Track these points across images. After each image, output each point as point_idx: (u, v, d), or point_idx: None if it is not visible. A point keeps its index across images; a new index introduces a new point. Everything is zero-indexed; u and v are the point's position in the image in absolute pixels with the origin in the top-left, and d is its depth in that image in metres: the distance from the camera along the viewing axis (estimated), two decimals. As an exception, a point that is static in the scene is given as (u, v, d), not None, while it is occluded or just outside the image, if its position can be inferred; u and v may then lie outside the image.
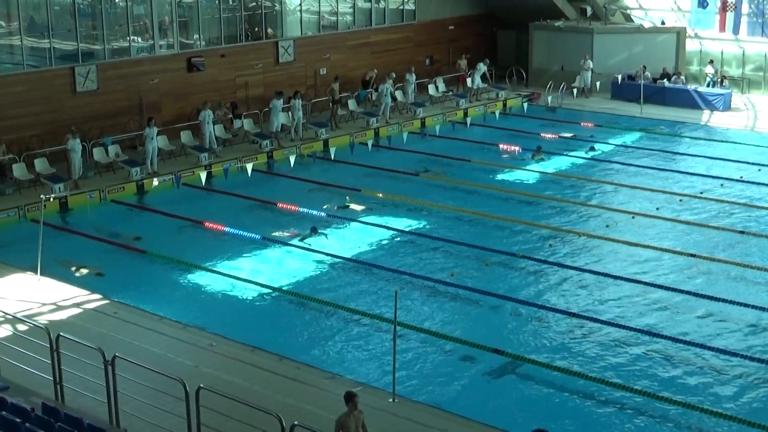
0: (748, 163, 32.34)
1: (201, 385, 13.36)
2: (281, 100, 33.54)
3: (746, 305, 20.31)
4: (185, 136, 32.22)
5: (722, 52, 44.38)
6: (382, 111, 37.22)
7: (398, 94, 39.18)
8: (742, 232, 25.27)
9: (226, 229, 25.34)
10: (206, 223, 25.78)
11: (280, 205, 27.57)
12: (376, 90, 38.51)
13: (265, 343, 18.04)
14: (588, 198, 28.86)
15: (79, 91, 31.15)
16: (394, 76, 38.77)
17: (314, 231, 24.91)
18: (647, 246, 24.13)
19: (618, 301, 21.00)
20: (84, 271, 22.23)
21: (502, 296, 20.89)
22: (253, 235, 24.79)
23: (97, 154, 30.02)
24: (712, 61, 43.28)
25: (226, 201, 28.31)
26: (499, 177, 31.18)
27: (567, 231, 25.59)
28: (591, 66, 42.92)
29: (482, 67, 42.26)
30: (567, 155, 33.82)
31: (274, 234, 24.98)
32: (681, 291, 21.19)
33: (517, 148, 34.20)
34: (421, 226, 26.12)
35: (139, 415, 14.20)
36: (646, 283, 21.64)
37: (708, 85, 42.11)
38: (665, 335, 18.91)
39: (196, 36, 35.15)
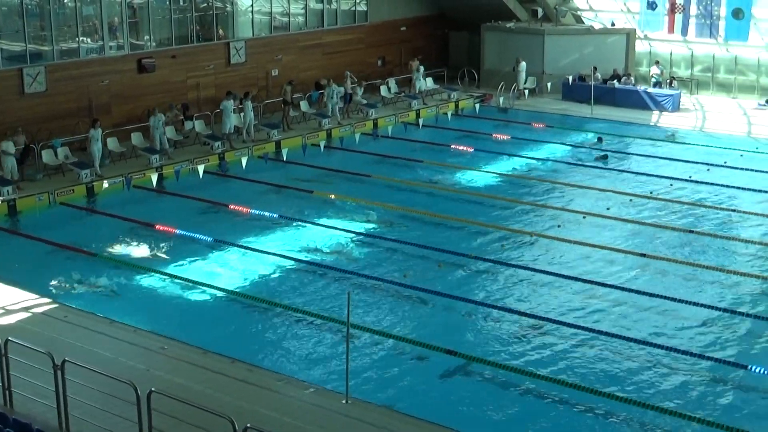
0: (696, 162, 32.70)
1: (152, 389, 13.24)
2: (232, 101, 33.40)
3: (697, 304, 20.53)
4: (136, 138, 31.97)
5: (671, 54, 44.88)
6: (331, 112, 37.21)
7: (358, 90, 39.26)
8: (691, 232, 25.54)
9: (178, 231, 25.16)
10: (157, 226, 25.57)
11: (232, 206, 27.43)
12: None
13: (217, 345, 17.91)
14: (539, 198, 29.03)
15: (27, 92, 30.79)
16: (349, 75, 38.83)
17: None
18: (598, 246, 24.30)
19: (570, 300, 21.14)
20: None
21: (455, 297, 20.93)
22: (205, 238, 24.64)
23: (46, 156, 29.68)
24: (657, 62, 43.76)
25: (177, 203, 28.13)
26: (452, 178, 31.26)
27: (519, 231, 25.71)
28: (524, 68, 43.17)
29: (417, 65, 42.34)
30: (519, 156, 34.00)
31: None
32: (632, 290, 21.36)
33: (469, 149, 34.35)
34: (373, 227, 26.12)
35: (89, 419, 14.05)
36: (597, 283, 21.79)
37: (654, 85, 42.55)
38: (616, 334, 19.04)
39: (146, 37, 34.86)
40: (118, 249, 23.91)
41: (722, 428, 15.36)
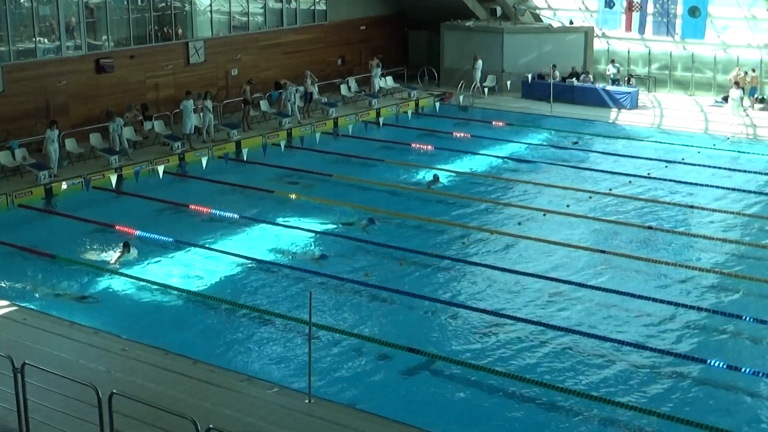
0: (655, 159, 33.00)
1: (114, 391, 13.14)
2: (192, 101, 33.25)
3: (656, 299, 20.71)
4: (94, 139, 31.75)
5: (629, 51, 45.25)
6: (291, 112, 37.16)
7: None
8: (650, 228, 25.75)
9: (138, 232, 25.00)
10: (117, 227, 25.39)
11: (192, 207, 27.31)
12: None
13: (178, 346, 17.83)
14: (500, 196, 29.13)
15: (-17, 93, 30.53)
16: (309, 74, 38.81)
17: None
18: (559, 243, 24.45)
19: (531, 298, 21.24)
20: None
21: (417, 295, 20.97)
22: (165, 238, 24.51)
23: (4, 157, 29.39)
24: (613, 61, 44.18)
25: (137, 204, 27.95)
26: (412, 176, 31.31)
27: (480, 229, 25.80)
28: (481, 66, 43.36)
29: (375, 64, 42.44)
30: (480, 154, 34.12)
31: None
32: (592, 287, 21.50)
33: (430, 147, 34.43)
34: (334, 226, 26.10)
35: (50, 422, 13.92)
36: (558, 280, 21.91)
37: (612, 83, 42.88)
38: (578, 331, 19.17)
39: (104, 37, 34.61)
40: (78, 251, 23.71)
41: (683, 422, 15.51)
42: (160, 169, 29.72)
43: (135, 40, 35.33)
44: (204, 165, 30.67)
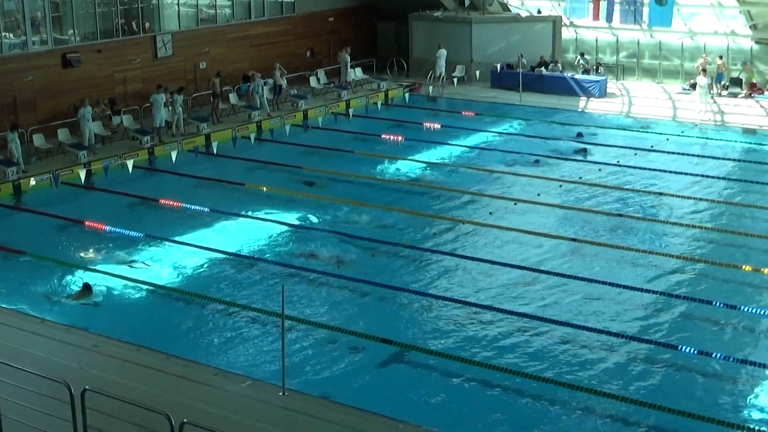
0: (624, 147, 33.17)
1: (86, 387, 13.08)
2: (162, 95, 33.08)
3: (626, 287, 20.83)
4: (62, 134, 31.52)
5: (597, 40, 45.46)
6: (259, 104, 37.07)
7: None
8: (620, 216, 25.89)
9: (108, 227, 24.87)
10: (87, 222, 25.26)
11: (162, 201, 27.20)
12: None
13: (151, 341, 17.75)
14: (470, 186, 29.16)
15: (-51, 89, 30.24)
16: (279, 66, 38.73)
17: None
18: (530, 232, 24.54)
19: (502, 287, 21.29)
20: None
21: (390, 286, 20.99)
22: (136, 233, 24.39)
23: (-29, 154, 29.19)
24: (582, 54, 44.35)
25: (106, 199, 27.81)
26: (383, 167, 31.32)
27: (451, 219, 25.85)
28: (444, 55, 43.42)
29: (345, 56, 42.43)
30: (450, 144, 34.17)
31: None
32: (563, 275, 21.60)
33: (400, 138, 34.45)
34: (306, 218, 26.07)
35: (22, 420, 13.82)
36: (529, 269, 21.99)
37: (581, 72, 43.05)
38: (549, 319, 19.24)
39: (70, 31, 34.34)
40: (47, 247, 23.54)
41: (654, 407, 15.64)
42: (130, 163, 29.57)
43: (102, 34, 35.08)
44: (174, 159, 30.54)
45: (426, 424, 14.76)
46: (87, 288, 20.65)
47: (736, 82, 41.31)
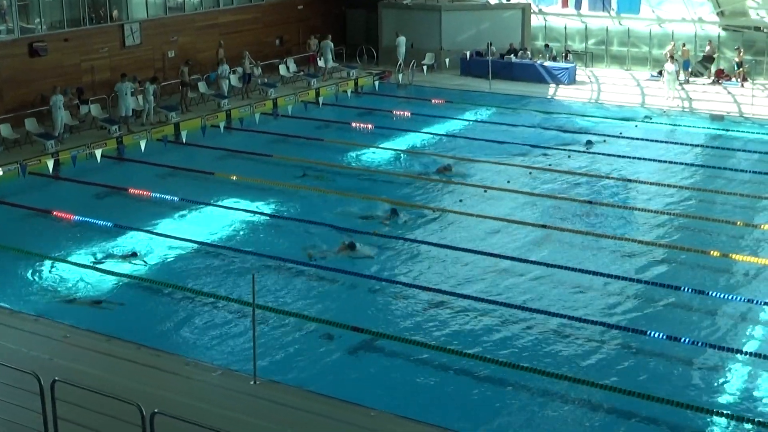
0: (593, 134, 33.32)
1: (56, 378, 13.02)
2: (128, 84, 32.85)
3: (596, 273, 20.95)
4: (30, 124, 31.27)
5: (566, 27, 45.59)
6: (226, 90, 36.91)
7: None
8: (590, 202, 26.02)
9: (76, 217, 24.72)
10: (55, 212, 25.09)
11: (131, 190, 27.07)
12: (233, 72, 38.44)
13: (121, 332, 17.69)
14: (441, 173, 29.18)
15: None
16: (248, 55, 38.61)
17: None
18: (500, 219, 24.62)
19: (474, 274, 21.36)
20: None
21: (359, 274, 21.00)
22: (105, 223, 24.26)
23: (-63, 144, 28.91)
24: (547, 45, 44.43)
25: (75, 189, 27.63)
26: (353, 155, 31.30)
27: (421, 206, 25.89)
28: (403, 42, 43.46)
29: (330, 44, 42.44)
30: (420, 132, 34.19)
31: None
32: (533, 262, 21.69)
33: (370, 126, 34.44)
34: (276, 207, 26.03)
35: (-9, 412, 13.78)
36: (500, 256, 22.05)
37: (550, 58, 43.19)
38: (520, 306, 19.33)
39: (37, 20, 34.03)
40: (15, 237, 23.36)
41: (624, 392, 15.74)
42: (98, 153, 29.39)
43: (69, 23, 34.77)
44: (143, 148, 30.38)
45: (398, 411, 14.80)
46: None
47: (706, 60, 41.56)
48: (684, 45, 41.77)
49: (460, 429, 14.48)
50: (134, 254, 22.07)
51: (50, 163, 28.32)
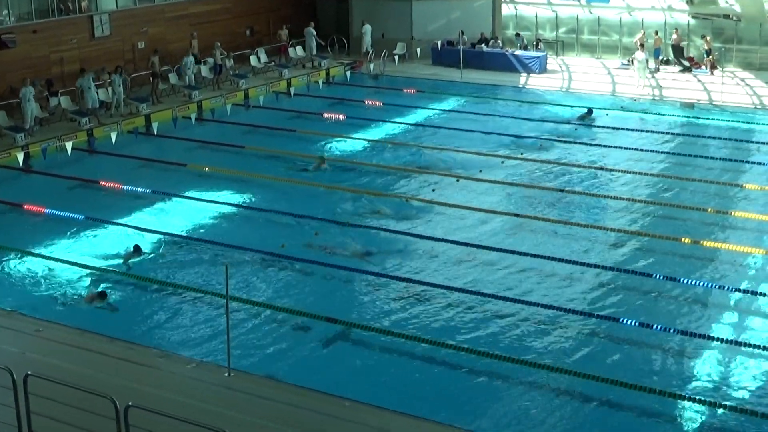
0: (564, 123, 33.44)
1: (29, 372, 12.96)
2: (87, 78, 32.57)
3: (569, 261, 21.05)
4: (-1, 116, 31.09)
5: (536, 16, 45.67)
6: (188, 81, 36.86)
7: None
8: (561, 191, 26.12)
9: (47, 210, 24.57)
10: (25, 206, 24.92)
11: (103, 183, 26.93)
12: (203, 63, 38.28)
13: (93, 325, 17.62)
14: (413, 163, 29.23)
15: None
16: (218, 46, 38.47)
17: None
18: (473, 208, 24.67)
19: (447, 263, 21.41)
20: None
21: (333, 265, 20.99)
22: (76, 216, 24.13)
23: None
24: (518, 34, 44.53)
25: (45, 182, 27.46)
26: (325, 146, 31.25)
27: (394, 196, 25.90)
28: (369, 30, 43.51)
29: (312, 31, 42.43)
30: (392, 122, 34.18)
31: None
32: (506, 250, 21.75)
33: (342, 116, 34.41)
34: (249, 198, 25.98)
35: (-37, 407, 13.68)
36: (473, 245, 22.10)
37: (521, 47, 43.27)
38: (494, 294, 19.39)
39: (4, 12, 33.72)
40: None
41: (596, 379, 15.84)
42: (69, 145, 29.19)
43: (37, 14, 34.47)
44: (113, 140, 30.20)
45: (372, 401, 14.83)
46: (102, 295, 19.48)
47: (677, 50, 41.77)
48: (656, 33, 41.95)
49: (434, 418, 14.52)
50: (137, 249, 21.76)
51: (20, 156, 28.12)
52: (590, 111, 33.15)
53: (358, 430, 14.09)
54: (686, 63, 41.31)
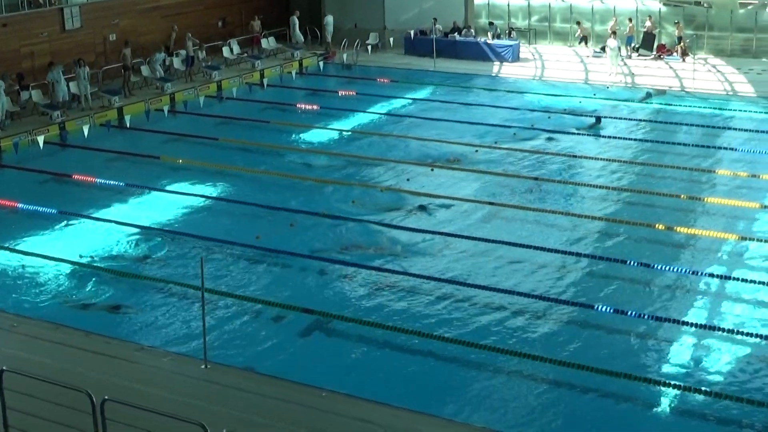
0: (537, 111, 33.54)
1: (4, 368, 12.90)
2: (57, 71, 32.35)
3: (543, 248, 21.12)
4: (-30, 111, 30.83)
5: (509, 5, 45.73)
6: (158, 74, 36.74)
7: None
8: (536, 179, 26.21)
9: (20, 205, 24.43)
10: (-1, 201, 24.85)
11: (76, 176, 26.80)
12: (176, 55, 38.15)
13: (69, 319, 17.56)
14: (387, 152, 29.25)
15: None
16: (190, 37, 38.30)
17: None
18: (447, 197, 24.72)
19: (422, 252, 21.45)
20: None
21: (308, 256, 21.00)
22: (49, 210, 24.00)
23: None
24: (491, 23, 44.57)
25: (17, 176, 27.30)
26: (299, 137, 31.24)
27: (369, 186, 25.91)
28: (331, 21, 43.67)
29: (296, 21, 42.44)
30: (365, 112, 34.19)
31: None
32: (480, 239, 21.81)
33: (315, 107, 34.38)
34: (223, 190, 25.93)
35: (-61, 404, 13.60)
36: (447, 234, 22.16)
37: (493, 37, 43.32)
38: (468, 283, 19.45)
39: (-26, 5, 33.55)
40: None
41: (573, 366, 15.93)
42: (40, 139, 29.04)
43: (6, 8, 34.20)
44: (86, 133, 30.07)
45: (349, 391, 14.85)
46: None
47: (648, 38, 41.93)
48: (630, 21, 42.09)
49: (410, 407, 14.55)
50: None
51: (-9, 151, 28.00)
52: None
53: (338, 421, 14.09)
54: (654, 53, 41.45)
